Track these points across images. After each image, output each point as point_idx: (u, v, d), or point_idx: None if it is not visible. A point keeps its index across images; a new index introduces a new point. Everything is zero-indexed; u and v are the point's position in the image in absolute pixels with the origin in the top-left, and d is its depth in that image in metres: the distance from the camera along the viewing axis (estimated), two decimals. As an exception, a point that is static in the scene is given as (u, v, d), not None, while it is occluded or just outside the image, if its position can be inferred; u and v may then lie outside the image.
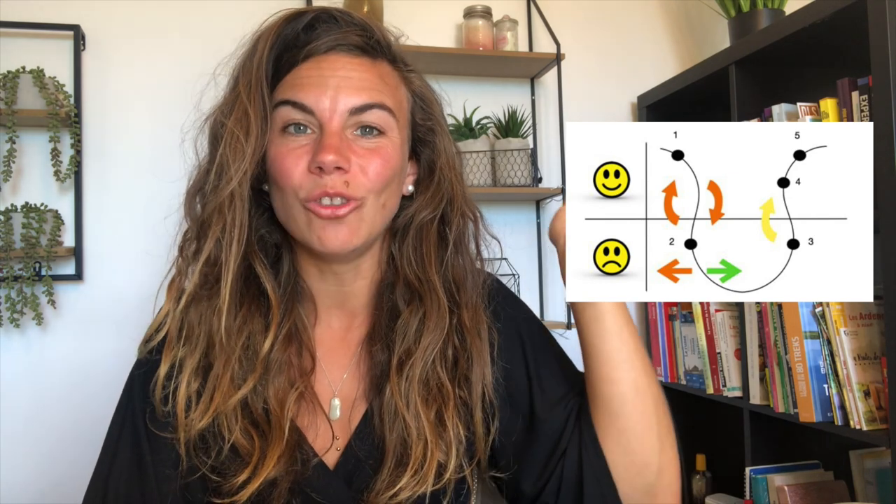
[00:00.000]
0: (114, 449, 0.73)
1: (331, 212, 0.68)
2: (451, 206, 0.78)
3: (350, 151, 0.69)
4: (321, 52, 0.71)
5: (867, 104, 1.33)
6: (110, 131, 1.86)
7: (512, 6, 2.10)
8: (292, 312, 0.75)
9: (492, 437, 0.75)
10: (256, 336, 0.72)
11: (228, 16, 1.90)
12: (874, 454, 1.61)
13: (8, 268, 1.70)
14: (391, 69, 0.75)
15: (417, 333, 0.74)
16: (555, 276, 2.11)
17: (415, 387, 0.72)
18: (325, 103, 0.69)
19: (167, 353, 0.72)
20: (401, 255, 0.77)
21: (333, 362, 0.78)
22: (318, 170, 0.68)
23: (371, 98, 0.70)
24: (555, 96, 2.07)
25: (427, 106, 0.78)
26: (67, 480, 1.75)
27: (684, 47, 2.28)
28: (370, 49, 0.73)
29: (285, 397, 0.71)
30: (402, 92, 0.75)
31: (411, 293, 0.77)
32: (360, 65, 0.72)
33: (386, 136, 0.72)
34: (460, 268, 0.78)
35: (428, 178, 0.78)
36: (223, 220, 0.69)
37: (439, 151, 0.78)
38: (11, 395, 1.76)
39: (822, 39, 1.52)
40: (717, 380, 1.77)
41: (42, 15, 1.81)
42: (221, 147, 0.69)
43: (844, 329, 1.37)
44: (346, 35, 0.71)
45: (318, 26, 0.72)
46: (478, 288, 0.79)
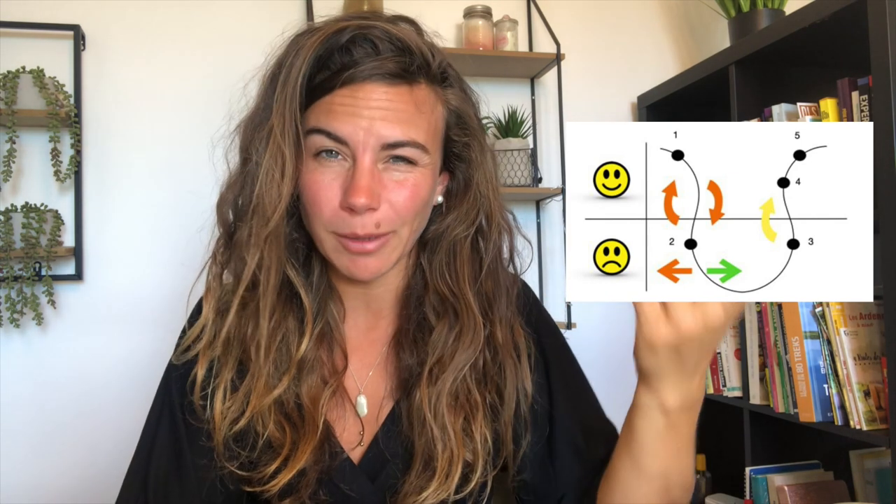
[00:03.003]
0: (153, 433, 0.76)
1: (360, 246, 0.69)
2: (489, 221, 0.77)
3: (381, 187, 0.68)
4: (358, 81, 0.68)
5: (867, 104, 1.33)
6: (110, 131, 1.86)
7: (512, 6, 2.10)
8: (324, 311, 0.76)
9: (522, 451, 0.76)
10: (290, 337, 0.73)
11: (228, 16, 1.90)
12: (874, 454, 1.61)
13: (8, 268, 1.70)
14: (428, 91, 0.72)
15: (451, 348, 0.75)
16: (555, 276, 2.11)
17: (444, 399, 0.73)
18: (359, 135, 0.67)
19: (203, 358, 0.73)
20: (431, 268, 0.77)
21: (359, 360, 0.79)
22: (349, 209, 0.67)
23: (405, 134, 0.68)
24: (555, 96, 2.07)
25: (463, 121, 0.76)
26: (67, 480, 1.75)
27: (684, 47, 2.28)
28: (408, 74, 0.70)
29: (318, 394, 0.73)
30: (438, 112, 0.73)
31: (444, 306, 0.76)
32: (397, 94, 0.69)
33: (417, 166, 0.70)
34: (496, 282, 0.77)
35: (463, 193, 0.77)
36: (260, 253, 0.70)
37: (475, 166, 0.76)
38: (11, 395, 1.76)
39: (822, 39, 1.52)
40: (717, 380, 1.77)
41: (42, 15, 1.81)
42: (258, 187, 0.69)
43: (844, 329, 1.37)
44: (383, 63, 0.68)
45: (354, 51, 0.69)
46: (512, 303, 0.79)
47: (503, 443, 0.76)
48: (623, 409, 0.67)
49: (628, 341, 0.63)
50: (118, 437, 1.73)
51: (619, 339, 2.16)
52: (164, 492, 0.73)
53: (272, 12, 1.91)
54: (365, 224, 0.68)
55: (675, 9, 2.28)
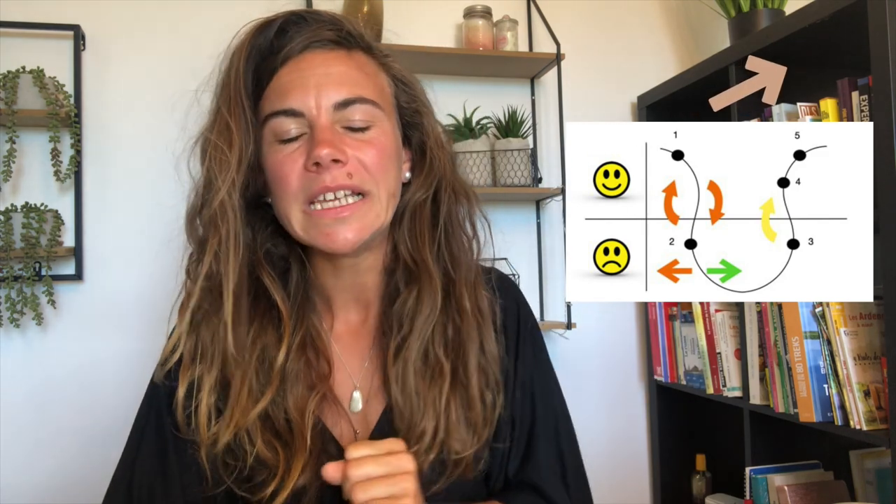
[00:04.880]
0: (138, 438, 0.75)
1: (335, 212, 0.69)
2: (442, 184, 0.78)
3: (344, 144, 0.69)
4: (297, 53, 0.72)
5: (867, 104, 1.33)
6: (110, 131, 1.86)
7: (512, 6, 2.10)
8: (304, 321, 0.76)
9: (497, 413, 0.76)
10: (270, 349, 0.72)
11: (228, 16, 1.90)
12: (874, 454, 1.61)
13: (8, 268, 1.70)
14: (368, 58, 0.75)
15: (412, 313, 0.75)
16: (554, 276, 2.11)
17: (411, 368, 0.72)
18: (310, 101, 0.69)
19: (184, 374, 0.72)
20: (399, 239, 0.78)
21: (353, 355, 0.79)
22: (315, 166, 0.68)
23: (353, 92, 0.70)
24: (555, 96, 2.07)
25: (409, 88, 0.78)
26: (67, 480, 1.75)
27: (684, 47, 2.28)
28: (344, 41, 0.73)
29: (304, 405, 0.72)
30: (383, 78, 0.76)
31: (409, 276, 0.77)
32: (337, 58, 0.72)
33: (375, 127, 0.72)
34: (454, 244, 0.78)
35: (421, 161, 0.78)
36: (218, 234, 0.69)
37: (427, 131, 0.78)
38: (11, 395, 1.76)
39: (822, 39, 1.52)
40: (717, 380, 1.77)
41: (42, 15, 1.80)
42: (207, 161, 0.71)
43: (844, 329, 1.37)
44: (317, 31, 0.72)
45: (289, 29, 0.72)
46: (474, 266, 0.79)
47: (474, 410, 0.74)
48: (622, 407, 0.67)
49: (628, 341, 0.63)
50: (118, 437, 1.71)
51: (618, 339, 2.16)
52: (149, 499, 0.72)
53: (272, 13, 1.90)
54: (335, 176, 0.68)
55: (675, 9, 2.28)
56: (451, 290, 0.76)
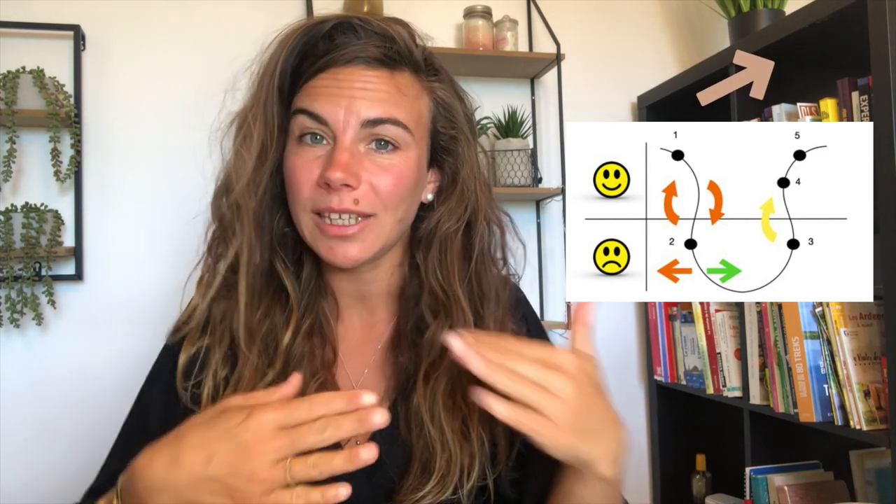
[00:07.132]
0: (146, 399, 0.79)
1: (338, 230, 0.69)
2: (476, 216, 0.77)
3: (360, 168, 0.69)
4: (339, 64, 0.71)
5: (867, 104, 1.33)
6: (110, 131, 1.86)
7: (512, 6, 2.10)
8: (314, 308, 0.77)
9: (515, 449, 0.76)
10: (278, 330, 0.74)
11: (229, 16, 1.90)
12: (874, 454, 1.61)
13: (8, 268, 1.70)
14: (412, 79, 0.73)
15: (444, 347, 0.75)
16: (554, 276, 2.11)
17: (439, 399, 0.73)
18: (339, 114, 0.69)
19: (188, 345, 0.75)
20: (425, 266, 0.77)
21: (355, 359, 0.79)
22: (326, 185, 0.68)
23: (385, 112, 0.69)
24: (555, 96, 2.07)
25: (451, 114, 0.76)
26: (67, 480, 1.75)
27: (684, 47, 2.28)
28: (389, 60, 0.71)
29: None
30: (423, 101, 0.74)
31: (437, 304, 0.76)
32: (378, 77, 0.71)
33: (401, 151, 0.71)
34: (485, 280, 0.77)
35: (451, 187, 0.77)
36: (241, 214, 0.72)
37: (462, 161, 0.76)
38: (11, 396, 1.76)
39: (822, 39, 1.52)
40: (717, 380, 1.76)
41: (42, 15, 1.80)
42: (235, 158, 0.72)
43: (844, 329, 1.37)
44: (364, 47, 0.70)
45: (337, 37, 0.71)
46: (503, 300, 0.79)
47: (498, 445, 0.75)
48: (622, 407, 0.67)
49: (628, 341, 0.63)
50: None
51: (618, 339, 2.16)
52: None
53: (272, 13, 1.90)
54: (342, 199, 0.68)
55: (675, 9, 2.28)
56: (478, 323, 0.76)
